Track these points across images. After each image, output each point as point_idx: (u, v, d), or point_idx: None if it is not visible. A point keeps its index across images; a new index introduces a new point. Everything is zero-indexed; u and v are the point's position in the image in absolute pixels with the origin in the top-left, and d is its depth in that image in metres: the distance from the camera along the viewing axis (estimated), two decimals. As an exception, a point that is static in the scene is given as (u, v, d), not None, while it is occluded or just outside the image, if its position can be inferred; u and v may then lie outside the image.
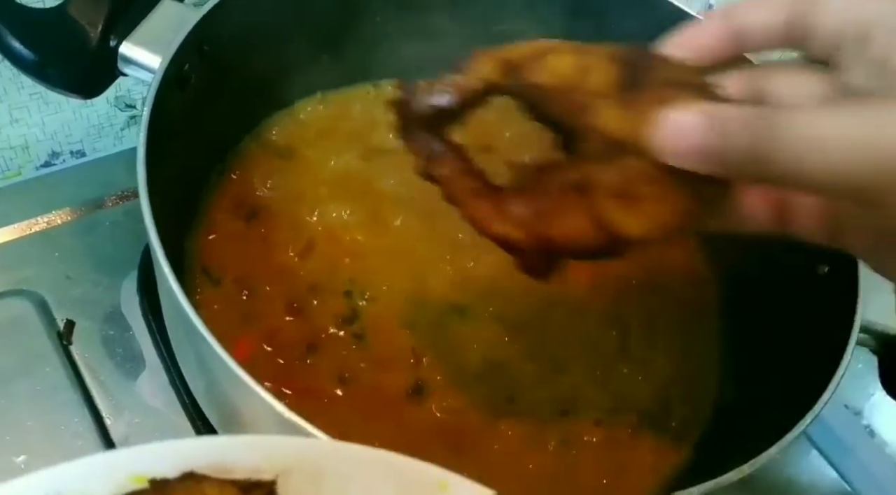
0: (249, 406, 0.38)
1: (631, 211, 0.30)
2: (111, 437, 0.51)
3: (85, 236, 0.60)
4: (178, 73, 0.43)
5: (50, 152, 0.62)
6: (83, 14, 0.41)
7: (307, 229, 0.53)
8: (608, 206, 0.30)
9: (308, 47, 0.56)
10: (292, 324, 0.49)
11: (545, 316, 0.52)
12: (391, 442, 0.44)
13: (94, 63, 0.42)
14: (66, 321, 0.55)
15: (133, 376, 0.54)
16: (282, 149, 0.57)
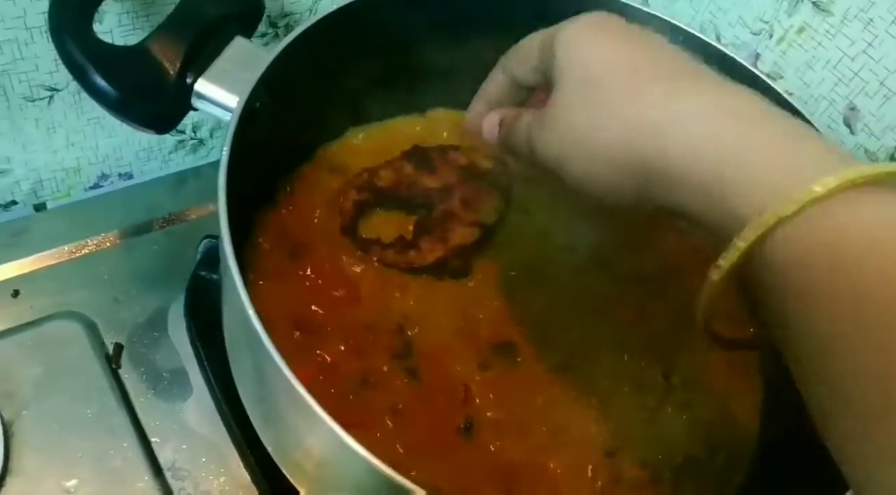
0: (312, 434, 0.39)
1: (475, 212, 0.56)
2: (159, 463, 0.52)
3: (132, 259, 0.61)
4: (251, 111, 0.43)
5: (100, 174, 0.63)
6: (162, 53, 0.42)
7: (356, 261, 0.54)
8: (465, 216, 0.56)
9: (363, 82, 0.58)
10: (345, 358, 0.49)
11: (592, 354, 0.53)
12: (442, 478, 0.46)
13: (171, 99, 0.43)
14: (115, 344, 0.56)
15: (180, 401, 0.55)
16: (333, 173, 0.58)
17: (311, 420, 0.36)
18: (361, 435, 0.46)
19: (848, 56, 0.53)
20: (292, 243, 0.53)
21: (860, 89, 0.53)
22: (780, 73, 0.59)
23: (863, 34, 0.52)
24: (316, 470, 0.42)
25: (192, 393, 0.55)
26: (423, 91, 0.62)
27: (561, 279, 0.56)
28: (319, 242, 0.54)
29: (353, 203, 0.56)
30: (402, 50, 0.58)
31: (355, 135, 0.60)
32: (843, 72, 0.54)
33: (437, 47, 0.59)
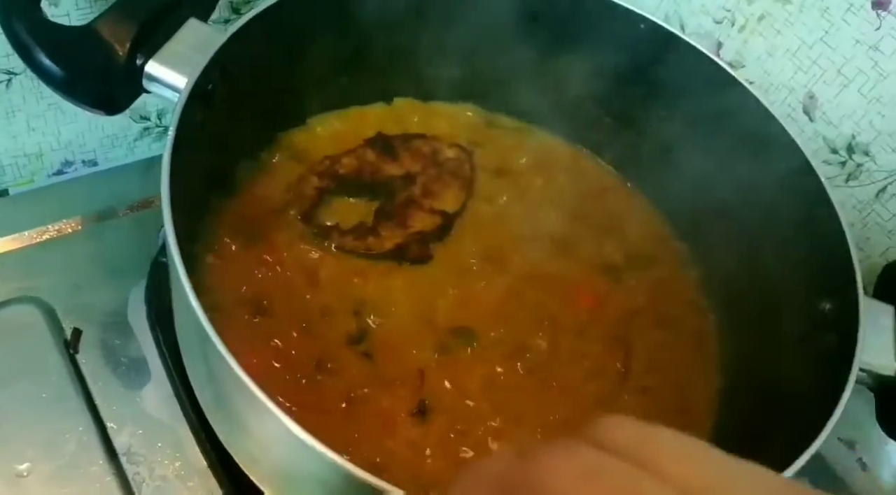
0: (258, 421, 0.38)
1: (436, 199, 0.58)
2: (114, 447, 0.51)
3: (95, 245, 0.60)
4: (202, 93, 0.43)
5: (63, 161, 0.62)
6: (112, 33, 0.42)
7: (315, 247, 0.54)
8: (426, 203, 0.57)
9: (327, 68, 0.58)
10: (301, 343, 0.49)
11: (550, 340, 0.53)
12: (395, 460, 0.46)
13: (120, 81, 0.43)
14: (74, 329, 0.55)
15: (138, 386, 0.54)
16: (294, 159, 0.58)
17: (253, 404, 0.36)
18: (315, 420, 0.46)
19: (806, 44, 0.53)
20: (250, 228, 0.53)
21: (818, 77, 0.53)
22: (741, 61, 0.59)
23: (820, 22, 0.52)
24: (263, 455, 0.42)
25: (150, 378, 0.55)
26: (388, 79, 0.62)
27: (521, 266, 0.57)
28: (278, 228, 0.54)
29: (314, 189, 0.56)
30: (365, 36, 0.58)
31: (318, 121, 0.60)
32: (801, 60, 0.54)
33: (401, 34, 0.59)
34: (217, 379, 0.40)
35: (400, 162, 0.58)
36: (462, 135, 0.64)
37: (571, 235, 0.59)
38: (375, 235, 0.54)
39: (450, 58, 0.62)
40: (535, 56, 0.63)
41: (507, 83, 0.65)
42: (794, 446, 0.39)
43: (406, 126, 0.63)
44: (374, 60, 0.60)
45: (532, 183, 0.62)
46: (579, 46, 0.61)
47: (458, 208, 0.58)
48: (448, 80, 0.64)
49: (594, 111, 0.64)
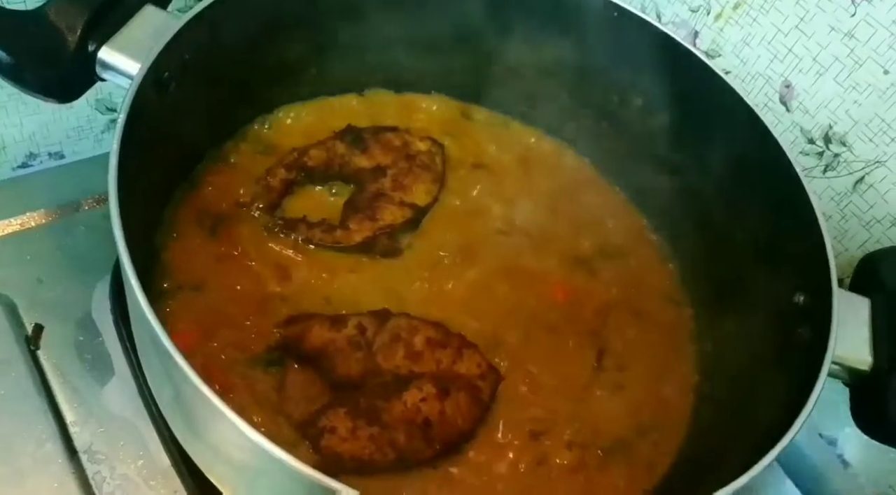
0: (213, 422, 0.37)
1: (406, 192, 0.56)
2: (75, 445, 0.50)
3: (59, 239, 0.59)
4: (157, 80, 0.42)
5: (27, 153, 0.61)
6: (62, 18, 0.40)
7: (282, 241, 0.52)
8: (396, 196, 0.55)
9: (294, 58, 0.56)
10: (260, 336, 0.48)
11: (522, 335, 0.52)
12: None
13: (71, 68, 0.41)
14: (35, 325, 0.54)
15: (101, 383, 0.53)
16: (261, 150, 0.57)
17: (208, 406, 0.34)
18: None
19: (782, 32, 0.52)
20: (213, 220, 0.52)
21: (794, 66, 0.52)
22: (718, 50, 0.58)
23: (795, 9, 0.51)
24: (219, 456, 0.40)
25: (114, 375, 0.53)
26: (360, 70, 0.61)
27: (494, 260, 0.55)
28: (243, 220, 0.52)
29: (280, 181, 0.54)
30: (334, 24, 0.57)
31: (287, 113, 0.59)
32: (777, 48, 0.53)
33: (373, 23, 0.58)
34: (172, 380, 0.39)
35: (370, 154, 0.57)
36: (436, 128, 0.63)
37: (547, 229, 0.58)
38: (344, 228, 0.53)
39: (423, 47, 0.61)
40: (509, 46, 0.61)
41: (484, 75, 0.63)
42: (769, 439, 0.38)
43: (379, 118, 0.62)
44: (344, 50, 0.59)
45: (507, 176, 0.61)
46: (554, 36, 0.59)
47: (430, 201, 0.57)
48: (422, 71, 0.63)
49: (570, 104, 0.62)
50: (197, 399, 0.35)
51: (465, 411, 0.46)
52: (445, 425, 0.45)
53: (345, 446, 0.43)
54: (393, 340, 0.47)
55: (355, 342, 0.47)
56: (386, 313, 0.49)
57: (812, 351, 0.42)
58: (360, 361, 0.47)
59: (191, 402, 0.38)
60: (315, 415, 0.44)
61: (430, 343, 0.48)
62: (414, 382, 0.46)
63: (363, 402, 0.45)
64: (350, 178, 0.56)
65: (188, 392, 0.35)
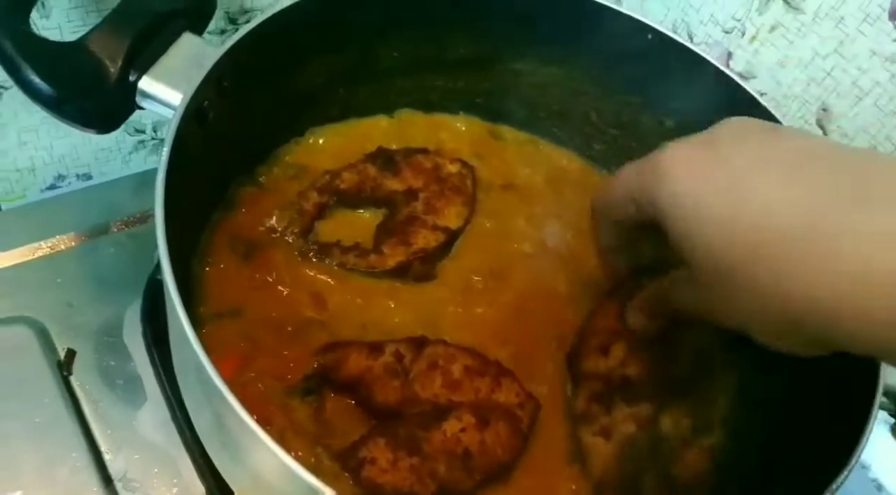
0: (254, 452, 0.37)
1: (438, 216, 0.56)
2: (109, 473, 0.50)
3: (89, 262, 0.59)
4: (197, 109, 0.42)
5: (56, 175, 0.61)
6: (103, 48, 0.40)
7: (316, 265, 0.52)
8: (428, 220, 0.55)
9: (324, 80, 0.56)
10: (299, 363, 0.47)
11: (558, 361, 0.51)
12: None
13: (112, 98, 0.41)
14: (67, 350, 0.54)
15: (134, 409, 0.53)
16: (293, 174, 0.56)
17: (249, 435, 0.34)
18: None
19: (820, 55, 0.52)
20: (248, 245, 0.51)
21: (832, 89, 0.52)
22: (752, 72, 0.57)
23: (834, 32, 0.50)
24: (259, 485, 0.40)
25: (146, 400, 0.53)
26: (389, 91, 0.61)
27: (526, 283, 0.55)
28: (277, 245, 0.52)
29: (313, 205, 0.54)
30: (364, 47, 0.57)
31: (318, 135, 0.59)
32: (815, 71, 0.53)
33: (402, 45, 0.58)
34: (213, 407, 0.38)
35: (402, 177, 0.57)
36: (466, 148, 0.62)
37: (578, 251, 0.58)
38: (378, 253, 0.53)
39: (451, 67, 0.61)
40: (539, 66, 0.61)
41: (513, 94, 0.63)
42: (818, 477, 0.38)
43: (408, 139, 0.61)
44: (373, 72, 0.58)
45: (538, 197, 0.61)
46: (585, 56, 0.59)
47: (462, 224, 0.56)
48: (451, 91, 0.63)
49: (600, 123, 0.62)
50: (238, 427, 0.35)
51: (505, 441, 0.46)
52: (485, 455, 0.45)
53: (386, 477, 0.43)
54: (430, 368, 0.47)
55: (392, 370, 0.47)
56: (423, 340, 0.48)
57: (861, 384, 0.41)
58: (397, 389, 0.46)
59: (232, 431, 0.38)
60: (355, 446, 0.44)
61: (468, 371, 0.47)
62: (453, 412, 0.45)
63: (402, 432, 0.44)
64: (382, 202, 0.56)
65: (230, 420, 0.35)
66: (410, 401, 0.46)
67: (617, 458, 0.46)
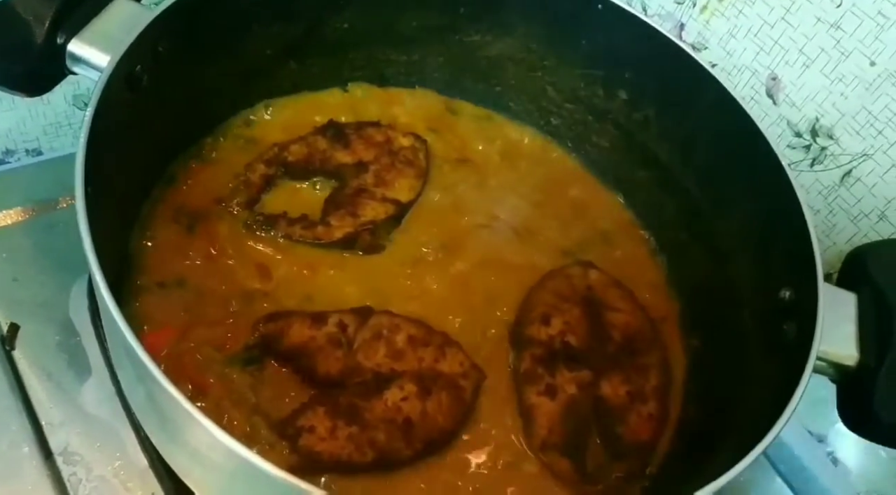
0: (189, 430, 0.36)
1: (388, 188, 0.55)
2: (50, 447, 0.49)
3: (36, 237, 0.58)
4: (128, 74, 0.41)
5: (4, 150, 0.60)
6: (29, 9, 0.39)
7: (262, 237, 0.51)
8: (378, 192, 0.55)
9: (274, 50, 0.55)
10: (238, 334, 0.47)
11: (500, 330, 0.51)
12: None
13: (40, 61, 0.40)
14: (11, 324, 0.53)
15: (78, 383, 0.52)
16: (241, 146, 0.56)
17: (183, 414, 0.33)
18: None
19: (768, 24, 0.52)
20: (191, 217, 0.51)
21: (781, 58, 0.52)
22: (704, 43, 0.57)
23: (781, 0, 0.50)
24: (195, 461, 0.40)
25: (90, 375, 0.52)
26: (342, 64, 0.60)
27: (477, 255, 0.54)
28: (220, 217, 0.51)
29: (259, 176, 0.53)
30: (315, 16, 0.56)
31: (268, 108, 0.58)
32: (763, 40, 0.52)
33: (353, 15, 0.57)
34: (144, 383, 0.38)
35: (352, 149, 0.56)
36: (421, 123, 0.62)
37: (532, 223, 0.58)
38: (325, 224, 0.52)
39: (406, 40, 0.61)
40: (495, 39, 0.61)
41: (469, 68, 0.63)
42: (755, 435, 0.38)
43: (362, 113, 0.61)
44: (325, 43, 0.58)
45: (492, 171, 0.60)
46: (539, 28, 0.59)
47: (413, 197, 0.56)
48: (406, 65, 0.62)
49: (557, 97, 0.62)
50: (168, 402, 0.34)
51: (447, 410, 0.45)
52: (427, 425, 0.44)
53: (323, 445, 0.43)
54: (374, 338, 0.47)
55: (336, 340, 0.46)
56: (367, 310, 0.48)
57: (798, 347, 0.41)
58: (340, 360, 0.46)
59: (162, 405, 0.37)
60: (294, 415, 0.44)
61: (412, 341, 0.47)
62: (395, 381, 0.45)
63: (343, 401, 0.44)
64: (331, 174, 0.56)
65: (159, 395, 0.35)
66: (353, 371, 0.46)
67: (562, 417, 0.46)
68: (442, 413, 0.45)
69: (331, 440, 0.43)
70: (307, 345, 0.46)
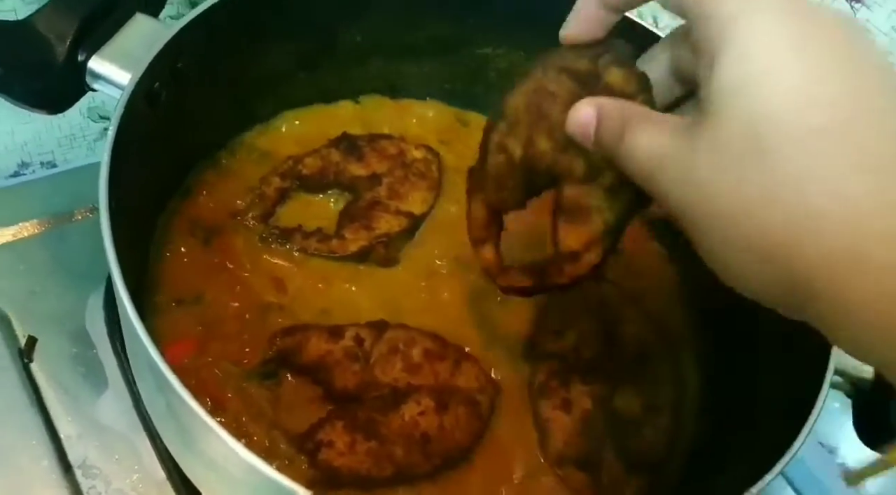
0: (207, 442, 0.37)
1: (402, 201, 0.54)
2: (69, 460, 0.50)
3: (53, 249, 0.58)
4: (148, 90, 0.42)
5: (19, 162, 0.60)
6: (51, 28, 0.40)
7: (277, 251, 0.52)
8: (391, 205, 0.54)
9: (287, 64, 0.56)
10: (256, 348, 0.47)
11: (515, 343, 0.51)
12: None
13: (61, 78, 0.41)
14: (29, 337, 0.54)
15: (95, 396, 0.53)
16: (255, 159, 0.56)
17: (201, 427, 0.34)
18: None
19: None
20: (207, 231, 0.51)
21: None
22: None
23: None
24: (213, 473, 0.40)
25: (108, 387, 0.53)
26: (354, 76, 0.61)
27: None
28: (236, 230, 0.52)
29: (274, 189, 0.54)
30: (328, 30, 0.56)
31: (282, 121, 0.58)
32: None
33: (366, 28, 0.58)
34: (165, 396, 0.38)
35: (365, 162, 0.56)
36: (432, 134, 0.62)
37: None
38: (339, 238, 0.53)
39: (418, 53, 0.61)
40: (507, 52, 0.61)
41: (480, 80, 0.63)
42: (773, 450, 0.38)
43: (374, 125, 0.61)
44: (338, 56, 0.58)
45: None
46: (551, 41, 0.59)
47: (426, 209, 0.56)
48: (418, 76, 0.62)
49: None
50: (189, 415, 0.34)
51: (464, 425, 0.45)
52: (444, 439, 0.45)
53: (342, 460, 0.43)
54: (390, 352, 0.47)
55: (352, 354, 0.47)
56: (383, 324, 0.48)
57: (815, 362, 0.41)
58: (357, 373, 0.46)
59: (183, 418, 0.37)
60: (312, 429, 0.44)
61: (427, 355, 0.47)
62: (412, 395, 0.45)
63: (361, 416, 0.44)
64: (345, 187, 0.56)
65: (180, 408, 0.35)
66: (370, 385, 0.46)
67: (577, 431, 0.46)
68: (459, 428, 0.45)
69: (350, 455, 0.43)
70: (324, 359, 0.46)
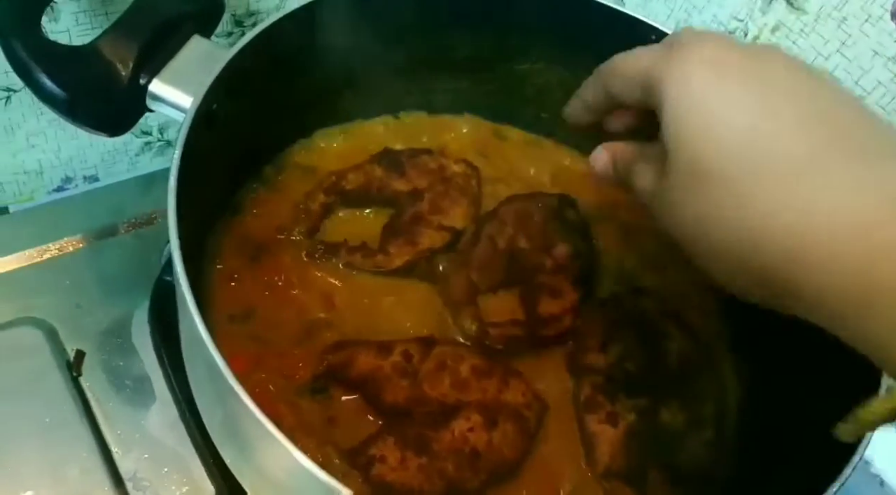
0: (267, 451, 0.37)
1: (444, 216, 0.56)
2: (119, 473, 0.50)
3: (96, 263, 0.59)
4: (207, 112, 0.42)
5: (63, 177, 0.61)
6: (114, 53, 0.41)
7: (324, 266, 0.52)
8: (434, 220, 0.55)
9: (330, 82, 0.56)
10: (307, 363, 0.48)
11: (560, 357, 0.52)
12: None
13: (123, 102, 0.41)
14: (76, 351, 0.54)
15: (143, 409, 0.53)
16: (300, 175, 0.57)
17: (262, 434, 0.35)
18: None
19: (822, 55, 0.52)
20: (255, 247, 0.52)
21: (835, 89, 0.52)
22: (755, 72, 0.58)
23: (836, 33, 0.51)
24: (271, 483, 0.40)
25: (155, 400, 0.54)
26: (393, 92, 0.61)
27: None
28: (285, 246, 0.52)
29: (319, 205, 0.54)
30: (370, 50, 0.57)
31: (324, 137, 0.59)
32: (817, 72, 0.53)
33: (408, 48, 0.58)
34: (226, 407, 0.39)
35: (407, 177, 0.57)
36: (470, 149, 0.63)
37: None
38: (384, 253, 0.53)
39: (457, 70, 0.61)
40: (544, 68, 0.62)
41: (517, 95, 0.63)
42: (821, 473, 0.38)
43: (413, 140, 0.62)
44: (378, 74, 0.59)
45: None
46: (588, 57, 0.59)
47: (467, 224, 0.57)
48: (456, 92, 0.63)
49: (604, 123, 0.62)
50: (253, 427, 0.35)
51: (512, 441, 0.46)
52: (493, 455, 0.45)
53: (395, 475, 0.43)
54: (438, 368, 0.47)
55: (401, 369, 0.47)
56: (431, 340, 0.49)
57: (860, 380, 0.42)
58: (406, 389, 0.47)
59: (245, 430, 0.38)
60: (364, 444, 0.44)
61: (475, 371, 0.48)
62: (461, 412, 0.46)
63: (411, 432, 0.45)
64: (388, 202, 0.56)
65: (243, 419, 0.36)
66: (419, 401, 0.46)
67: (624, 444, 0.47)
68: (507, 444, 0.46)
69: (401, 470, 0.44)
70: (374, 375, 0.47)
